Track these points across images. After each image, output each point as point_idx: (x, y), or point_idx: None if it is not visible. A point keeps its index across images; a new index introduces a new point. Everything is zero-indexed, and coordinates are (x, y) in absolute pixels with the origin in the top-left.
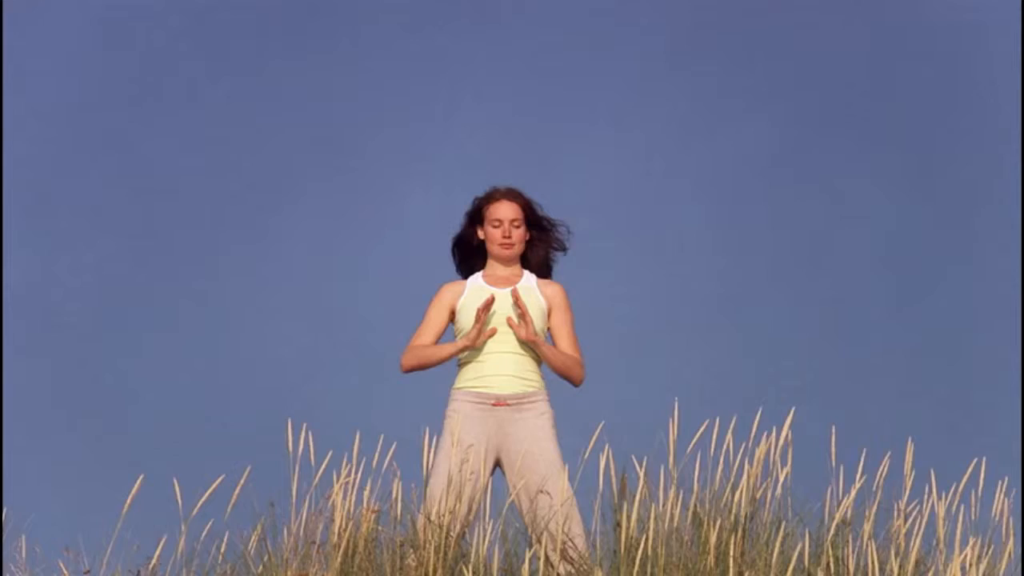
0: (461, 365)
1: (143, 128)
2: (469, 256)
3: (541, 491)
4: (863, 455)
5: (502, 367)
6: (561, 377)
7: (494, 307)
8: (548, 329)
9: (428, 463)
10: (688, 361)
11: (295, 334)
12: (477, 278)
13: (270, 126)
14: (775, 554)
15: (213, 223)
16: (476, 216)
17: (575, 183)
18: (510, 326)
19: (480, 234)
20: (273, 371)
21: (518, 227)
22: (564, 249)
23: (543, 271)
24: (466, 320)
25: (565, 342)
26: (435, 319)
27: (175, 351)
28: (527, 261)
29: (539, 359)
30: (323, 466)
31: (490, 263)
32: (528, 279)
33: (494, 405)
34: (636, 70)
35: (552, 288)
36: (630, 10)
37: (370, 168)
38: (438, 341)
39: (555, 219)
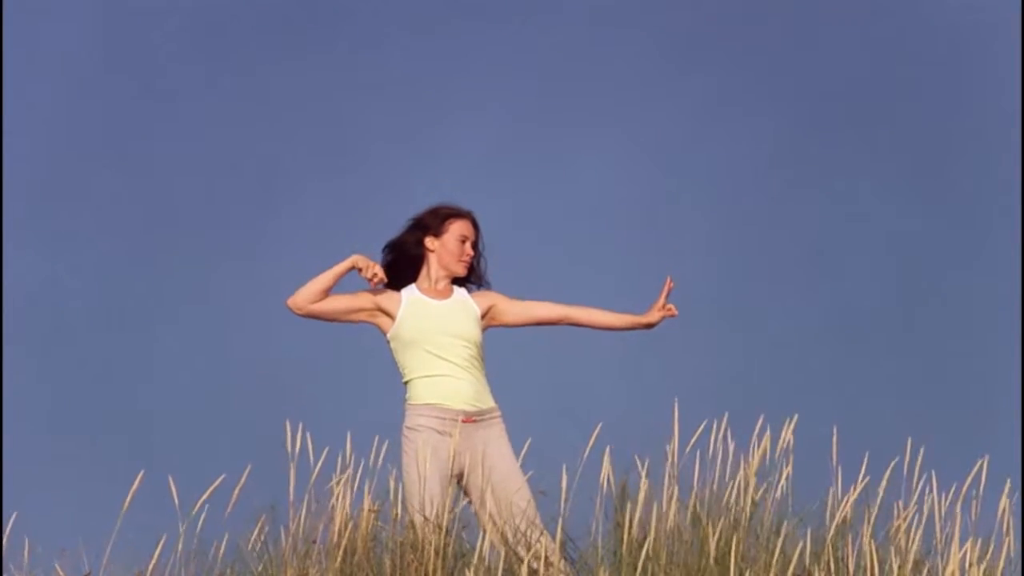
0: (414, 379)
1: (143, 128)
2: (402, 262)
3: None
4: (866, 456)
5: (463, 382)
6: (581, 325)
7: (440, 320)
8: (499, 318)
9: (411, 477)
10: (688, 361)
11: (296, 334)
12: (412, 291)
13: (270, 126)
14: (775, 554)
15: (213, 223)
16: (430, 226)
17: (575, 184)
18: (660, 319)
19: (429, 244)
20: (274, 371)
21: (472, 248)
22: (482, 286)
23: None
24: (409, 330)
25: (529, 301)
26: (353, 295)
27: (175, 351)
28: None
29: (486, 371)
30: (319, 465)
31: (429, 275)
32: (460, 292)
33: (462, 422)
34: (637, 72)
35: (481, 294)
36: (631, 12)
37: (371, 168)
38: (330, 317)
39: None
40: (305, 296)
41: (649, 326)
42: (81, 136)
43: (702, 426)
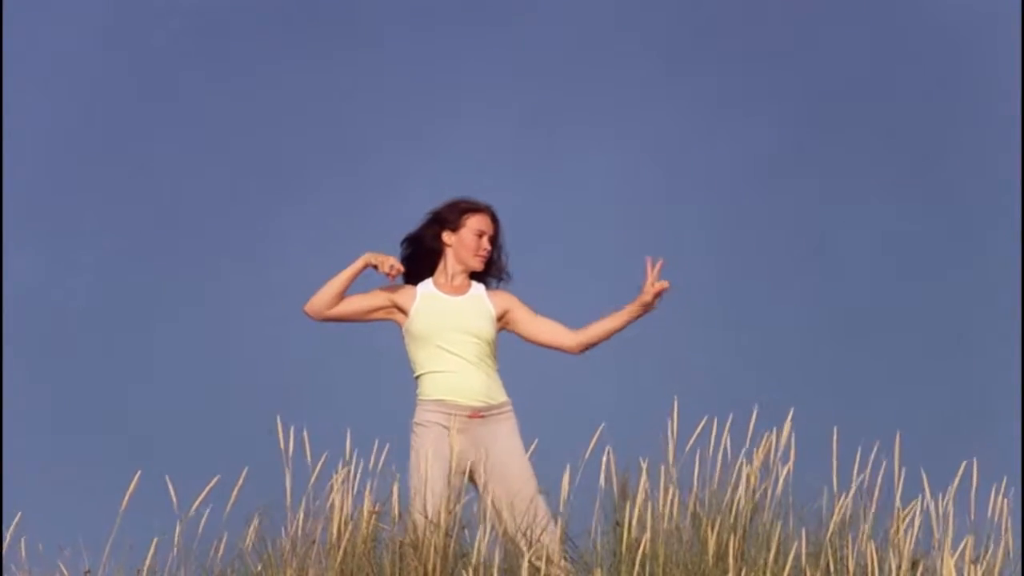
0: (424, 374)
1: (143, 128)
2: (420, 256)
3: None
4: (859, 455)
5: (472, 378)
6: (592, 342)
7: (452, 316)
8: (511, 326)
9: (416, 472)
10: (687, 361)
11: (296, 334)
12: (427, 285)
13: (271, 126)
14: (774, 553)
15: (214, 223)
16: (448, 220)
17: (575, 184)
18: (655, 297)
19: (447, 238)
20: (274, 371)
21: (491, 243)
22: (504, 280)
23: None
24: (420, 326)
25: (545, 320)
26: (368, 295)
27: (176, 351)
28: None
29: (497, 367)
30: (319, 466)
31: (445, 270)
32: (478, 288)
33: (469, 417)
34: (637, 72)
35: (499, 295)
36: (631, 12)
37: (371, 168)
38: (348, 319)
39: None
40: (322, 301)
41: (647, 307)
42: (81, 136)
43: (701, 425)
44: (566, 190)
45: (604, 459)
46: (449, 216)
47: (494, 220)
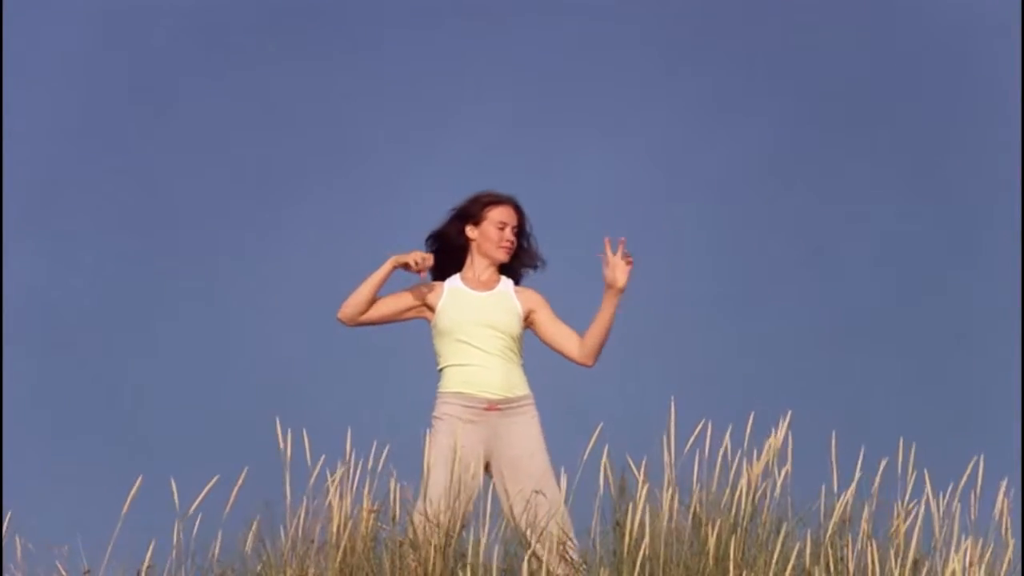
0: (446, 367)
1: (143, 128)
2: (446, 252)
3: (537, 491)
4: (861, 455)
5: (491, 371)
6: (595, 349)
7: (475, 311)
8: (533, 327)
9: (426, 465)
10: (687, 362)
11: (296, 334)
12: (455, 281)
13: (270, 126)
14: (775, 554)
15: (214, 223)
16: (471, 214)
17: (575, 183)
18: (621, 273)
19: (470, 232)
20: (274, 371)
21: (515, 234)
22: (539, 267)
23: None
24: (445, 320)
25: (565, 328)
26: (397, 296)
27: (175, 351)
28: (502, 269)
29: (521, 362)
30: (318, 466)
31: (472, 265)
32: (506, 284)
33: (486, 409)
34: (637, 72)
35: (527, 293)
36: (631, 12)
37: (371, 168)
38: (381, 322)
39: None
40: (354, 308)
41: (615, 287)
42: (81, 136)
43: (699, 426)
44: (566, 190)
45: (603, 459)
46: (471, 210)
47: (517, 210)
